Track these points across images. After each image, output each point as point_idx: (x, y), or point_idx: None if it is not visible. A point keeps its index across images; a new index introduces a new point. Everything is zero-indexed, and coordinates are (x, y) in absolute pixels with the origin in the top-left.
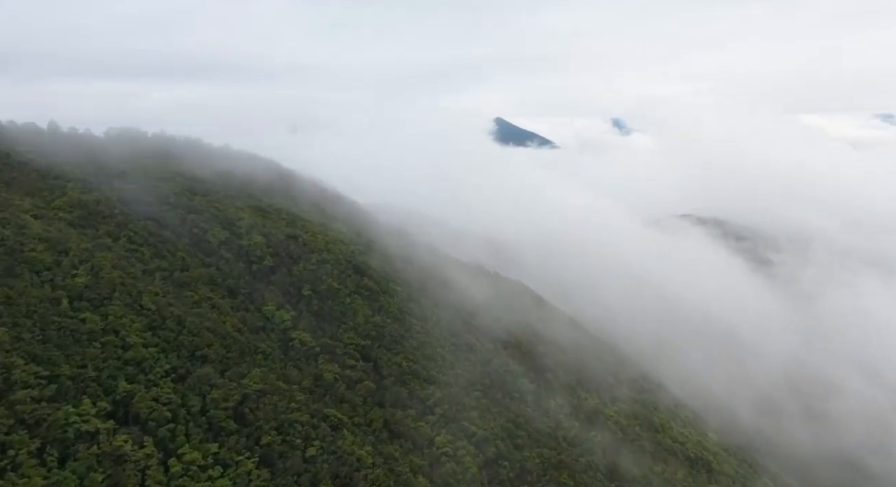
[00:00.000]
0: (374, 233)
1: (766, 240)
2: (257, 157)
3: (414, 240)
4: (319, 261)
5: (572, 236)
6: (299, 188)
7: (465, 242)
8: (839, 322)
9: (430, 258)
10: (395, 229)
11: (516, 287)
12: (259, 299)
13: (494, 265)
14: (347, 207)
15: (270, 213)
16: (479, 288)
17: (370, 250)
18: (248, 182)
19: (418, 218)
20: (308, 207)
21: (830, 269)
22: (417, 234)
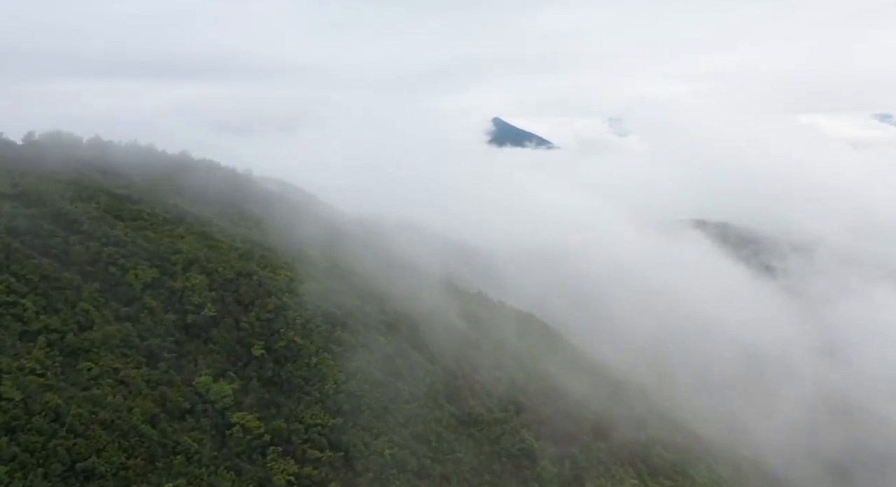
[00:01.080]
0: (356, 260)
1: (768, 246)
2: (217, 167)
3: (407, 266)
4: (279, 308)
5: (571, 244)
6: (266, 204)
7: (457, 257)
8: (858, 337)
9: (425, 293)
10: (384, 253)
11: (528, 323)
12: (190, 367)
13: (490, 282)
14: (326, 227)
15: (220, 242)
16: (484, 326)
17: (348, 286)
18: (200, 200)
19: (409, 231)
20: (274, 230)
21: (839, 278)
22: (410, 256)
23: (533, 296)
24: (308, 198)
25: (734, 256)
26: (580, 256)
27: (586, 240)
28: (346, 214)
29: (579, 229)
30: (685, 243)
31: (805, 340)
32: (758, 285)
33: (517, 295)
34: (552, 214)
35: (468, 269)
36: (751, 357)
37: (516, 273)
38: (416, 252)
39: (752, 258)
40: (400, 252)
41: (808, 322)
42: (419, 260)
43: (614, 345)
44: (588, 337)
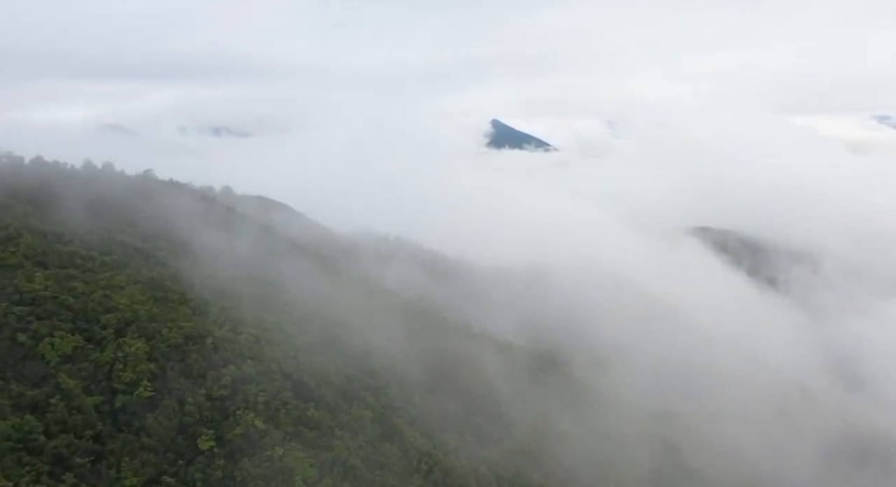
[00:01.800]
0: (337, 298)
1: (770, 256)
2: (186, 190)
3: (390, 297)
4: (237, 380)
5: (567, 258)
6: (239, 235)
7: (443, 278)
8: (869, 356)
9: (414, 338)
10: (367, 281)
11: (522, 360)
12: (111, 474)
13: (479, 305)
14: (309, 258)
15: (170, 293)
16: (478, 374)
17: (327, 338)
18: (155, 234)
19: (404, 247)
20: (244, 270)
21: (845, 291)
22: (393, 281)
23: (525, 321)
24: (293, 218)
25: (737, 267)
26: (576, 271)
27: (583, 254)
28: (333, 233)
29: (576, 241)
30: (687, 254)
31: (817, 361)
32: (763, 299)
33: (508, 319)
34: (547, 225)
35: (455, 290)
36: (763, 383)
37: (507, 293)
38: (400, 276)
39: (755, 268)
40: (382, 277)
41: (816, 339)
42: (402, 285)
43: (620, 375)
44: (590, 366)
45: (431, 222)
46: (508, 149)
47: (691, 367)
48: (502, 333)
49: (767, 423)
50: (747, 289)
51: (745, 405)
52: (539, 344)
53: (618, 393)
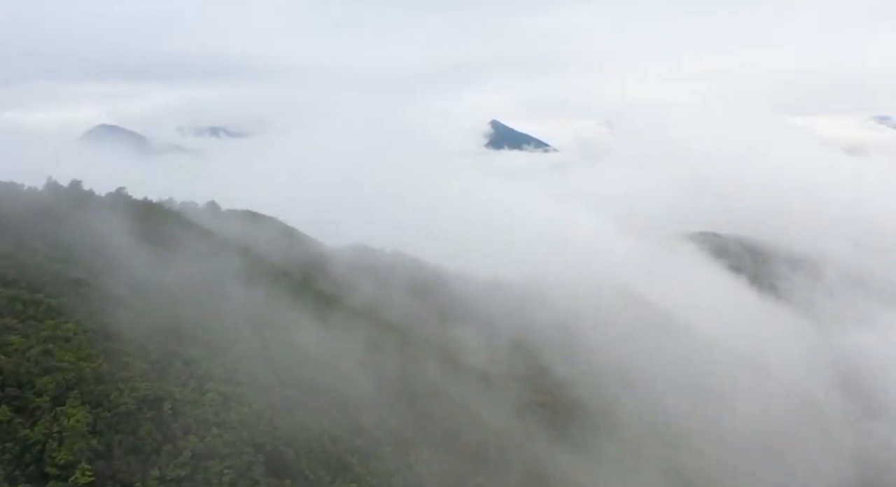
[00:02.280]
0: (333, 338)
1: (771, 263)
2: (162, 212)
3: (402, 340)
4: (198, 456)
5: (564, 267)
6: (213, 266)
7: (439, 294)
8: (878, 371)
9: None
10: (371, 315)
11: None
12: None
13: (470, 320)
14: (297, 289)
15: (125, 346)
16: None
17: (309, 391)
18: (117, 269)
19: (401, 264)
20: (218, 311)
21: (849, 300)
22: (385, 308)
23: (525, 341)
24: (283, 235)
25: (738, 273)
26: (576, 283)
27: (582, 263)
28: (325, 251)
29: (574, 250)
30: (689, 262)
31: (825, 375)
32: (767, 307)
33: (506, 339)
34: (545, 233)
35: (454, 310)
36: (774, 400)
37: (506, 308)
38: (397, 301)
39: (757, 275)
40: (378, 303)
41: (823, 351)
42: (400, 312)
43: (626, 399)
44: (594, 392)
45: (428, 232)
46: (507, 150)
47: (699, 385)
48: (503, 363)
49: (781, 448)
50: (751, 298)
51: (757, 426)
52: (541, 373)
53: (626, 423)
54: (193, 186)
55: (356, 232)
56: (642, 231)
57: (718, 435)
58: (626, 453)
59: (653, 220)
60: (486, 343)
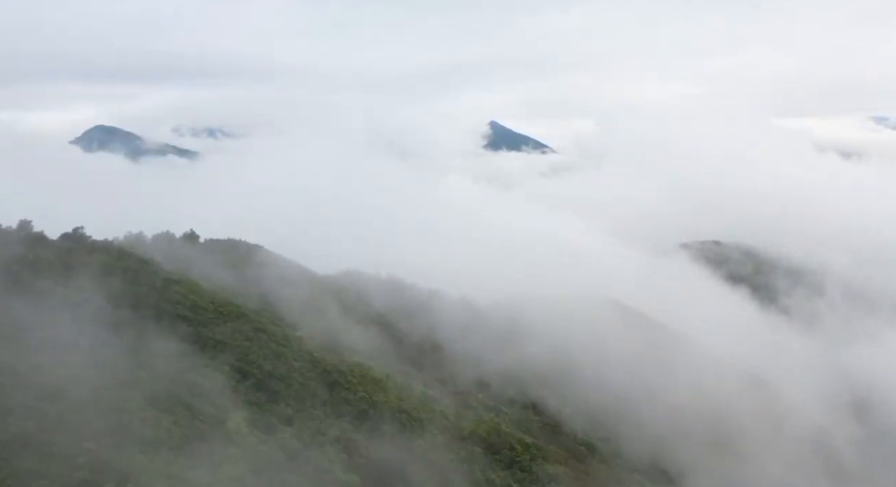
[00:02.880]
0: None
1: (772, 273)
2: (120, 256)
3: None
4: None
5: (562, 281)
6: (170, 337)
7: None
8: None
9: None
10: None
11: None
12: None
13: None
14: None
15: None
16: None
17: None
18: (50, 343)
19: (399, 293)
20: (173, 399)
21: (854, 316)
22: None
23: (526, 376)
24: (269, 267)
25: (739, 285)
26: (568, 298)
27: (577, 279)
28: (316, 280)
29: (569, 263)
30: (689, 275)
31: (837, 398)
32: (771, 322)
33: (506, 373)
34: (536, 245)
35: (460, 343)
36: (791, 428)
37: (506, 333)
38: (394, 347)
39: (759, 287)
40: (372, 350)
41: (832, 371)
42: (395, 360)
43: (635, 435)
44: (596, 427)
45: (416, 251)
46: (506, 151)
47: (710, 410)
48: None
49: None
50: (758, 315)
51: (777, 459)
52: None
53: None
54: (178, 200)
55: (340, 252)
56: (640, 240)
57: (741, 473)
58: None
59: (650, 228)
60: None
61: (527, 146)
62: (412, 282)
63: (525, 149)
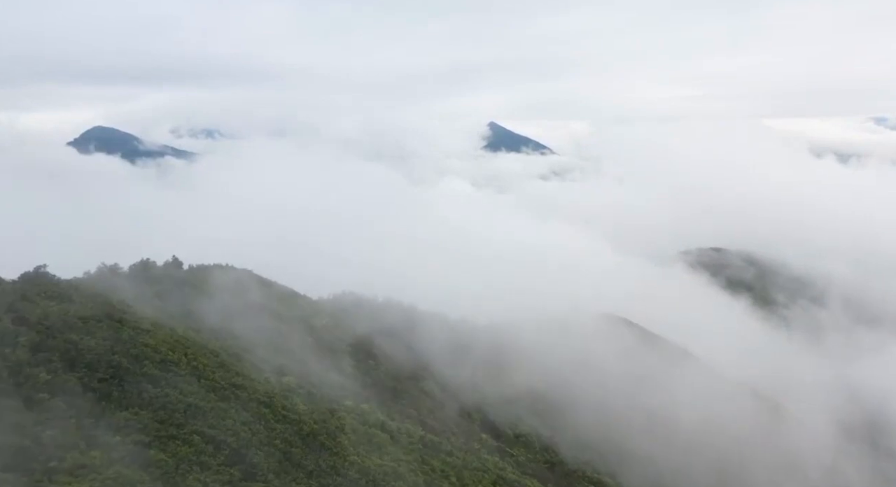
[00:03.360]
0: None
1: (769, 282)
2: (80, 294)
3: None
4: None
5: (557, 293)
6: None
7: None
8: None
9: None
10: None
11: None
12: None
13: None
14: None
15: None
16: None
17: None
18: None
19: (399, 320)
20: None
21: (856, 329)
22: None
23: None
24: (255, 296)
25: (740, 293)
26: (565, 313)
27: (574, 291)
28: (308, 306)
29: (564, 276)
30: (691, 286)
31: (846, 421)
32: (776, 336)
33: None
34: (528, 254)
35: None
36: (808, 452)
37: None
38: (391, 386)
39: (761, 296)
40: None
41: (838, 391)
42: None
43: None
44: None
45: (417, 265)
46: (505, 153)
47: (717, 437)
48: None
49: None
50: (758, 325)
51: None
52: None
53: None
54: (170, 211)
55: (332, 271)
56: (640, 247)
57: None
58: None
59: (649, 234)
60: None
61: (526, 147)
62: (404, 302)
63: (525, 151)
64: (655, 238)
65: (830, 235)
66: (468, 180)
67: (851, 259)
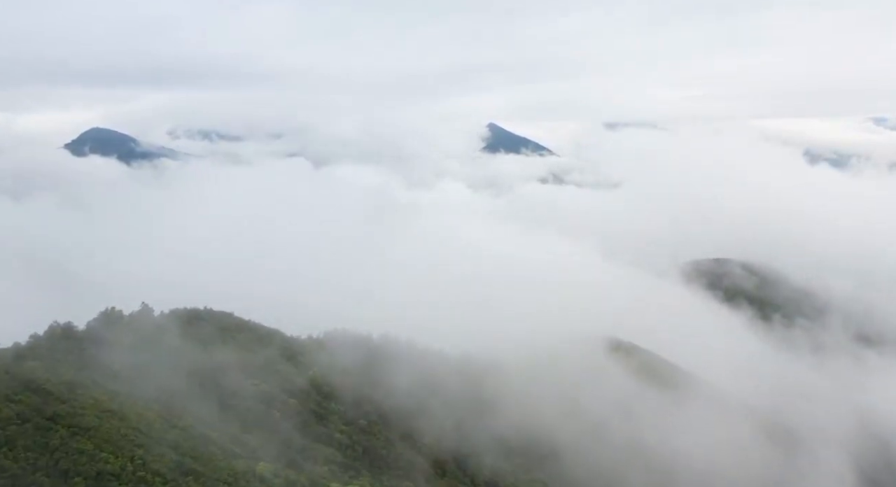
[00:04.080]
0: None
1: (770, 296)
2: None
3: None
4: None
5: (549, 312)
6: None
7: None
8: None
9: None
10: None
11: None
12: None
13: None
14: None
15: None
16: None
17: None
18: None
19: (404, 363)
20: None
21: (859, 346)
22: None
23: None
24: (235, 343)
25: (740, 306)
26: (558, 336)
27: (566, 309)
28: (300, 346)
29: (557, 294)
30: (692, 302)
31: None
32: (780, 355)
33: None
34: (517, 271)
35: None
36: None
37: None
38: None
39: (763, 313)
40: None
41: (847, 413)
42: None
43: None
44: None
45: (404, 287)
46: (503, 154)
47: (727, 473)
48: None
49: None
50: (763, 344)
51: None
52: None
53: None
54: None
55: (318, 306)
56: (638, 258)
57: None
58: None
59: (647, 245)
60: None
61: (526, 148)
62: (375, 334)
63: (524, 152)
64: (652, 247)
65: (831, 245)
66: (465, 182)
67: (854, 270)
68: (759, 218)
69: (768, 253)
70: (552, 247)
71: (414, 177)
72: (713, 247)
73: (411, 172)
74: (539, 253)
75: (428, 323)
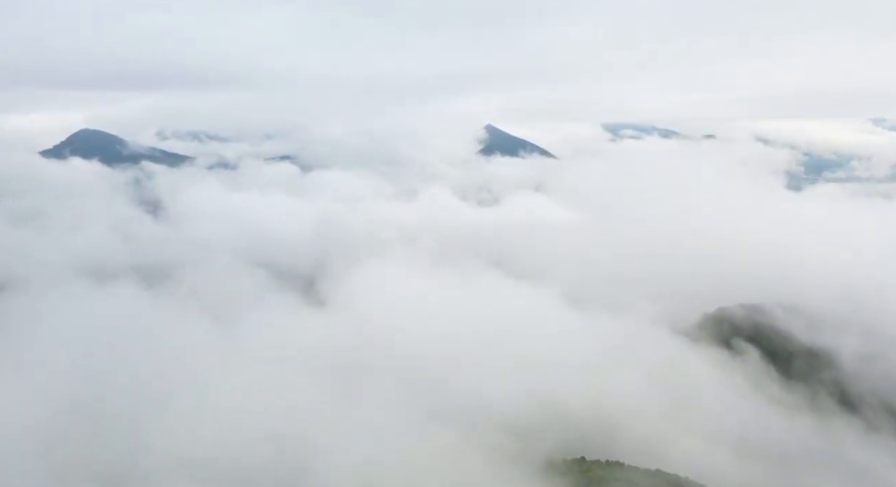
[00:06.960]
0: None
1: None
2: None
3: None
4: None
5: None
6: None
7: None
8: None
9: None
10: None
11: None
12: None
13: None
14: None
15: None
16: None
17: None
18: None
19: None
20: None
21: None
22: None
23: None
24: None
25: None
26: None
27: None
28: None
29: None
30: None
31: None
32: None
33: None
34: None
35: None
36: None
37: None
38: None
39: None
40: None
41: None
42: None
43: None
44: None
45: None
46: (500, 157)
47: None
48: None
49: None
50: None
51: None
52: None
53: None
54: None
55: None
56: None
57: None
58: None
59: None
60: None
61: (524, 150)
62: None
63: (522, 154)
64: (644, 290)
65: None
66: (455, 189)
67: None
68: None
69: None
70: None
71: (402, 183)
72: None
73: (401, 177)
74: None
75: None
